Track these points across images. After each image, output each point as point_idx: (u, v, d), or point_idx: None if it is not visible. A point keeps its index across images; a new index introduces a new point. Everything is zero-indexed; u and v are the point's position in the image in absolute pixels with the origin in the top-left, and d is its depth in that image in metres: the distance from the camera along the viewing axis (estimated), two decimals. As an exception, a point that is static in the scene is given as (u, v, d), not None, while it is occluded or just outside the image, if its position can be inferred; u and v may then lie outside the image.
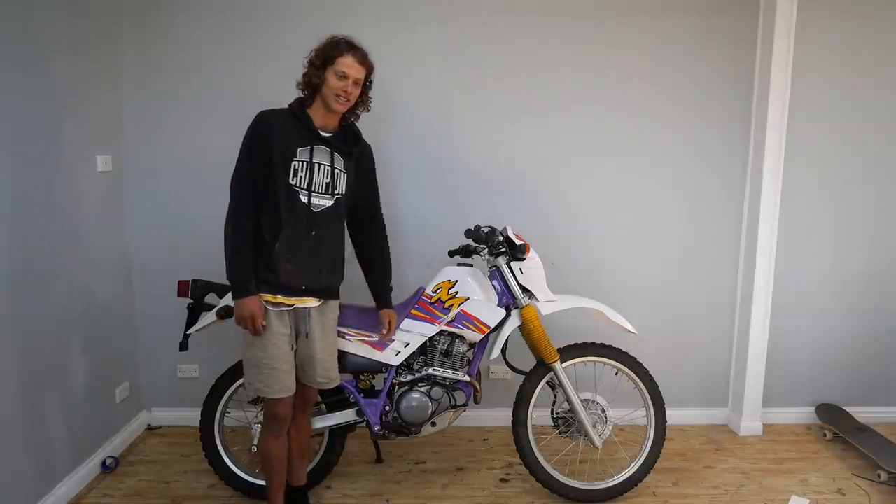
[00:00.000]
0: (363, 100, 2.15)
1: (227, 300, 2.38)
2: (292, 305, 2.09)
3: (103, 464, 2.73)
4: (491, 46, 2.96)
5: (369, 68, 2.09)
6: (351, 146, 2.15)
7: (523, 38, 2.96)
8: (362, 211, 2.27)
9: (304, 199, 2.04)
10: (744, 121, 3.06)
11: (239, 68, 2.94)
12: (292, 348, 2.14)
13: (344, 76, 2.00)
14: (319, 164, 2.05)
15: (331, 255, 2.14)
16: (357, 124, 2.24)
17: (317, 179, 2.05)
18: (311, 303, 2.13)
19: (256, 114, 2.05)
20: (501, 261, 2.46)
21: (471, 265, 2.50)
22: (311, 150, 2.04)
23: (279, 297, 2.06)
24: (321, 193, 2.07)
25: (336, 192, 2.10)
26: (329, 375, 2.23)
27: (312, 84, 2.04)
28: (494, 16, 2.94)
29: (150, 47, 2.92)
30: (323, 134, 2.07)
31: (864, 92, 3.04)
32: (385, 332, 2.35)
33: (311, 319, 2.14)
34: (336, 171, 2.09)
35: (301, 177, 2.03)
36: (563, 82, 3.00)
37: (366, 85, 2.12)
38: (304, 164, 2.03)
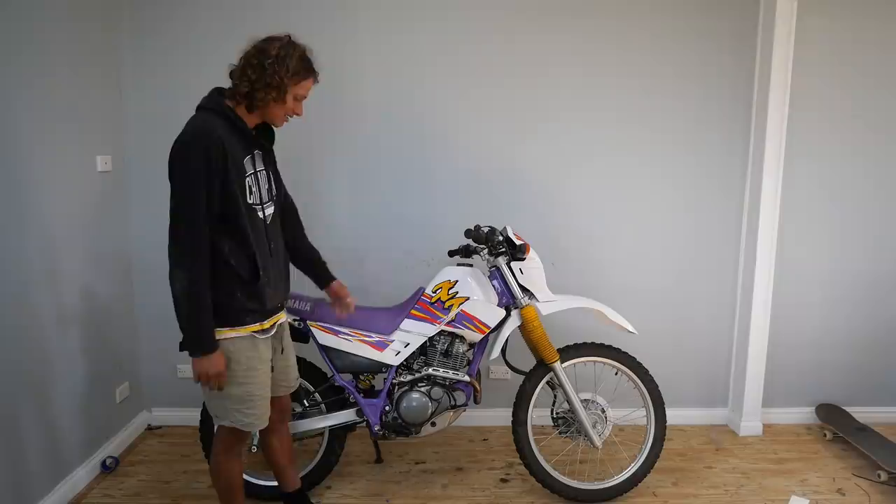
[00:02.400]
0: None
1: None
2: (274, 325, 1.99)
3: (103, 464, 2.73)
4: (490, 46, 2.96)
5: None
6: (272, 142, 2.00)
7: (522, 38, 2.96)
8: (286, 201, 2.15)
9: (260, 214, 1.88)
10: (744, 121, 3.06)
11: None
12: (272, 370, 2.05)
13: (302, 99, 1.87)
14: (260, 172, 1.91)
15: (285, 261, 2.05)
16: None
17: (263, 189, 1.91)
18: (283, 317, 2.08)
19: (195, 128, 1.73)
20: (501, 261, 2.46)
21: (471, 265, 2.50)
22: (253, 159, 1.87)
23: (265, 323, 1.93)
24: (267, 202, 1.93)
25: (274, 195, 1.99)
26: (297, 375, 2.21)
27: (258, 97, 1.77)
28: (494, 16, 2.94)
29: (149, 46, 2.92)
30: (255, 137, 1.90)
31: (864, 92, 3.04)
32: (347, 300, 2.24)
33: (284, 332, 2.10)
34: (269, 172, 1.97)
35: (255, 192, 1.86)
36: (564, 82, 3.00)
37: None
38: (253, 176, 1.86)
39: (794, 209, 3.11)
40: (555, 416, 2.57)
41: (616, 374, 2.57)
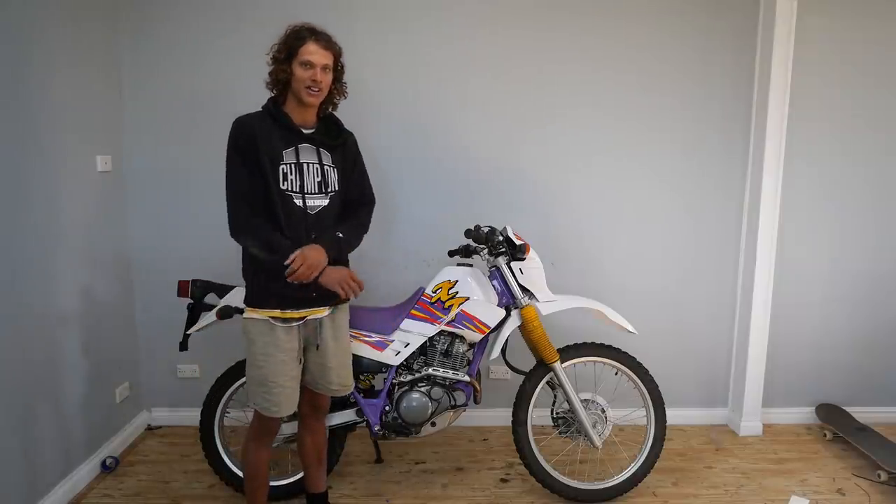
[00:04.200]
0: (337, 87, 2.05)
1: (227, 300, 2.38)
2: (303, 318, 2.01)
3: (103, 464, 2.73)
4: (490, 45, 2.96)
5: (336, 52, 1.99)
6: (335, 139, 2.07)
7: (522, 38, 2.96)
8: (352, 199, 2.17)
9: (298, 202, 1.96)
10: (744, 120, 3.06)
11: (238, 67, 2.94)
12: (300, 362, 2.06)
13: (310, 65, 1.91)
14: (308, 164, 1.98)
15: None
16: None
17: (308, 180, 1.97)
18: (322, 312, 2.05)
19: (233, 122, 1.96)
20: (501, 261, 2.46)
21: (471, 265, 2.50)
22: (297, 151, 1.97)
23: (288, 311, 1.98)
24: (315, 194, 1.99)
25: (329, 189, 2.02)
26: (344, 382, 2.16)
27: (280, 80, 1.96)
28: (494, 15, 2.94)
29: (149, 46, 2.92)
30: (305, 131, 1.99)
31: (865, 91, 3.04)
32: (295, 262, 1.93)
33: (322, 329, 2.07)
34: (326, 167, 2.02)
35: (291, 180, 1.95)
36: (564, 81, 3.00)
37: (337, 70, 2.02)
38: (292, 166, 1.95)
39: (794, 209, 3.11)
40: (555, 416, 2.56)
41: (616, 374, 2.57)
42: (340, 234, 2.06)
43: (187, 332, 2.47)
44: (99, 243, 2.76)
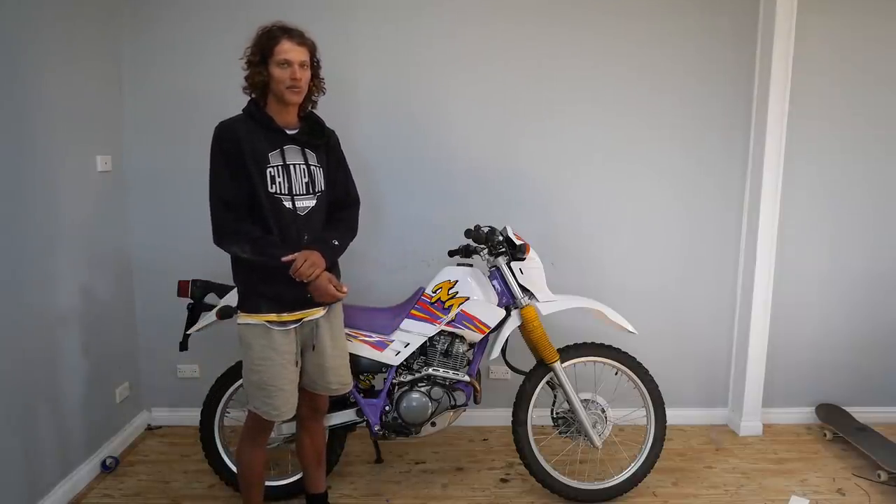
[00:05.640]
0: (315, 83, 2.03)
1: (227, 300, 2.39)
2: (300, 320, 2.01)
3: (103, 464, 2.73)
4: (489, 45, 2.96)
5: (310, 47, 1.97)
6: (318, 138, 2.05)
7: (522, 37, 2.96)
8: (337, 199, 2.15)
9: (287, 204, 1.95)
10: (744, 118, 3.06)
11: (239, 67, 2.92)
12: (297, 364, 2.05)
13: (287, 63, 1.89)
14: (294, 165, 1.97)
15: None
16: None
17: (296, 182, 1.96)
18: (318, 313, 2.05)
19: (216, 127, 1.95)
20: (501, 261, 2.46)
21: (471, 265, 2.50)
22: (282, 152, 1.95)
23: (284, 314, 1.97)
24: (303, 195, 1.98)
25: (317, 189, 2.02)
26: (343, 381, 2.15)
27: (258, 84, 1.94)
28: (493, 13, 2.94)
29: (149, 46, 2.92)
30: (289, 132, 1.97)
31: (864, 89, 3.04)
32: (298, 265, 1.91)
33: (319, 330, 2.06)
34: (312, 167, 2.01)
35: (279, 182, 1.93)
36: (563, 81, 2.99)
37: (313, 65, 2.00)
38: (279, 168, 1.94)
39: (794, 209, 3.10)
40: (555, 416, 2.56)
41: (616, 374, 2.57)
42: (336, 242, 2.06)
43: (187, 332, 2.47)
44: (99, 243, 2.76)
